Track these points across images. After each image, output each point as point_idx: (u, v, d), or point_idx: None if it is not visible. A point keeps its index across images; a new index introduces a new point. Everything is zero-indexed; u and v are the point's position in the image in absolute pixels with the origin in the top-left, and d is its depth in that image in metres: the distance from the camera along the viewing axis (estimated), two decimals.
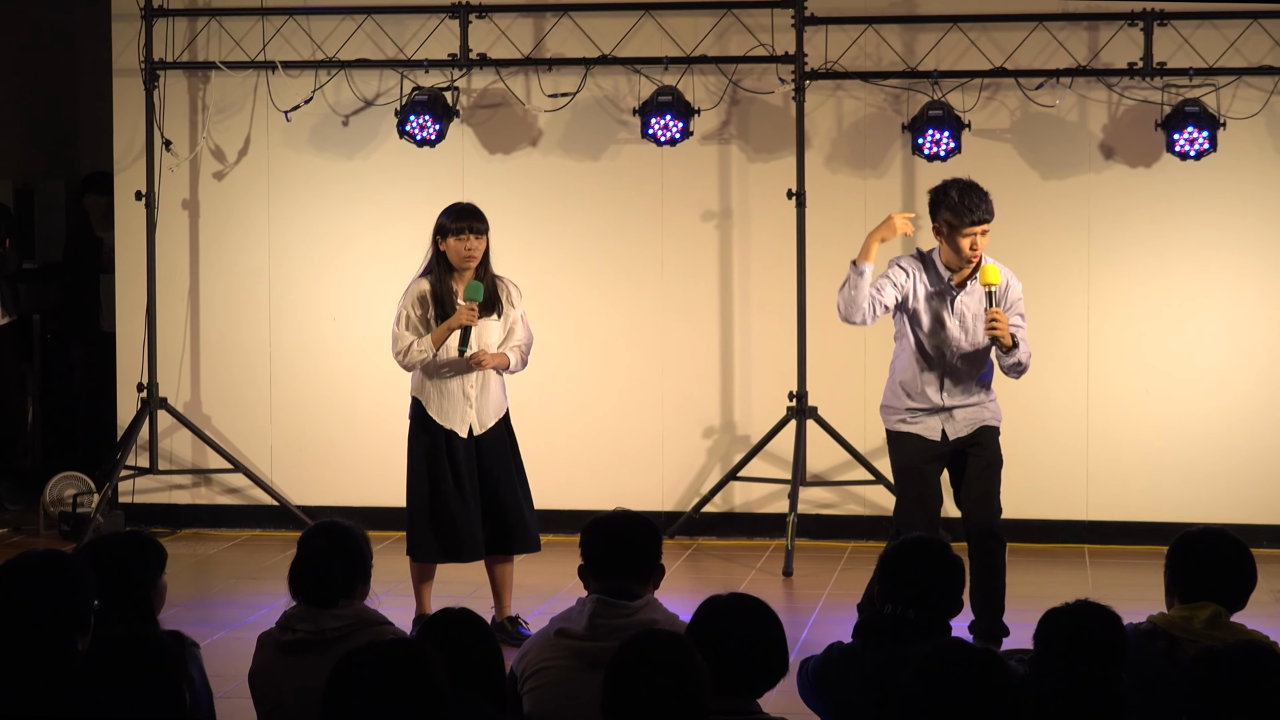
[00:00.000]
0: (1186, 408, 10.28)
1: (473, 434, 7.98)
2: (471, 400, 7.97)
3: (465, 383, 7.96)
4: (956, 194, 7.56)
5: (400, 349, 7.91)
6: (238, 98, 10.81)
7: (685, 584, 9.31)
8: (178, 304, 10.89)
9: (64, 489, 10.70)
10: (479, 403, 7.99)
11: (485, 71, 10.53)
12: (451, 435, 7.95)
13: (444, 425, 7.95)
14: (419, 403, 8.01)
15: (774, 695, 4.57)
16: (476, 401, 7.98)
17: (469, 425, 7.97)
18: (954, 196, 7.56)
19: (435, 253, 7.95)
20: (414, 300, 7.92)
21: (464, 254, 7.87)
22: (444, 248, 7.91)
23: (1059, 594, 5.22)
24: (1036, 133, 10.28)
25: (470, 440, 7.97)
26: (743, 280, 10.56)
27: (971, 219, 7.54)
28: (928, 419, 7.75)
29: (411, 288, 7.97)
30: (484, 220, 7.96)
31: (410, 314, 7.91)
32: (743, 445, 10.51)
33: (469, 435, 7.97)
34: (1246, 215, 10.20)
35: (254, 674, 5.27)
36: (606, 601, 4.97)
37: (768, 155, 10.49)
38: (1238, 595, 5.04)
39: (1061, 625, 4.61)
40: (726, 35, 10.39)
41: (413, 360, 7.90)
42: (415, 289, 7.95)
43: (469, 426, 7.97)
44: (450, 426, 7.95)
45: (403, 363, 7.94)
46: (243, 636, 7.74)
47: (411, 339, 7.88)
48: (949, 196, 7.58)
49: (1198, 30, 10.04)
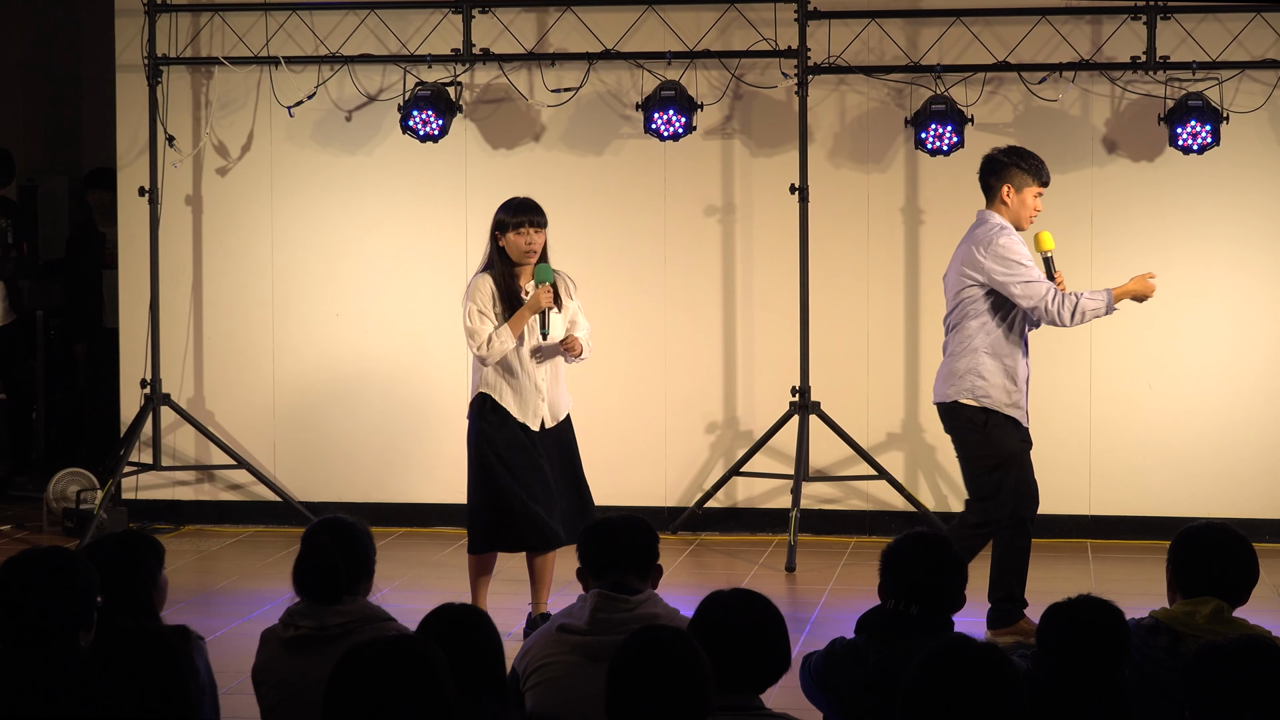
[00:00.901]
0: (1189, 402, 10.28)
1: (544, 427, 7.96)
2: (544, 392, 7.95)
3: (538, 375, 7.94)
4: (1026, 154, 7.93)
5: (481, 341, 7.82)
6: (241, 93, 10.81)
7: (688, 579, 9.32)
8: (181, 300, 10.89)
9: (67, 485, 10.71)
10: (551, 394, 7.97)
11: (488, 67, 10.53)
12: (525, 427, 7.92)
13: (518, 418, 7.91)
14: (487, 397, 7.93)
15: (777, 691, 4.58)
16: (549, 393, 7.97)
17: (541, 418, 7.95)
18: (1028, 156, 7.91)
19: (495, 248, 7.92)
20: (483, 295, 7.87)
21: (524, 248, 7.86)
22: (503, 243, 7.88)
23: (1061, 589, 5.22)
24: (1039, 127, 10.27)
25: (541, 433, 7.95)
26: (745, 275, 10.56)
27: (1044, 178, 7.96)
28: (1024, 402, 7.89)
29: (476, 283, 7.90)
30: (543, 214, 7.94)
31: (483, 308, 7.85)
32: (745, 440, 10.51)
33: (540, 428, 7.96)
34: (1249, 209, 10.20)
35: (257, 670, 5.27)
36: (608, 596, 4.97)
37: (770, 150, 10.49)
38: (1240, 590, 5.04)
39: (1064, 620, 4.61)
40: (729, 30, 10.39)
41: (496, 351, 7.83)
42: (481, 284, 7.89)
43: (541, 420, 7.96)
44: (524, 419, 7.91)
45: (485, 354, 7.83)
46: (246, 632, 7.74)
47: (491, 330, 7.83)
48: (1024, 157, 7.90)
49: (1201, 24, 10.04)
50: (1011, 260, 7.75)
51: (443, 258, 10.69)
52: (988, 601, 7.86)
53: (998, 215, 7.89)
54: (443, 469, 10.46)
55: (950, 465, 10.43)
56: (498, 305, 7.87)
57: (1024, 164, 7.89)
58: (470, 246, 10.68)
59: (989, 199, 7.96)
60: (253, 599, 8.91)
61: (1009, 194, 7.86)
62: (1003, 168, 7.91)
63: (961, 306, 7.90)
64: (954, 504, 10.44)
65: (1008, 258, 7.75)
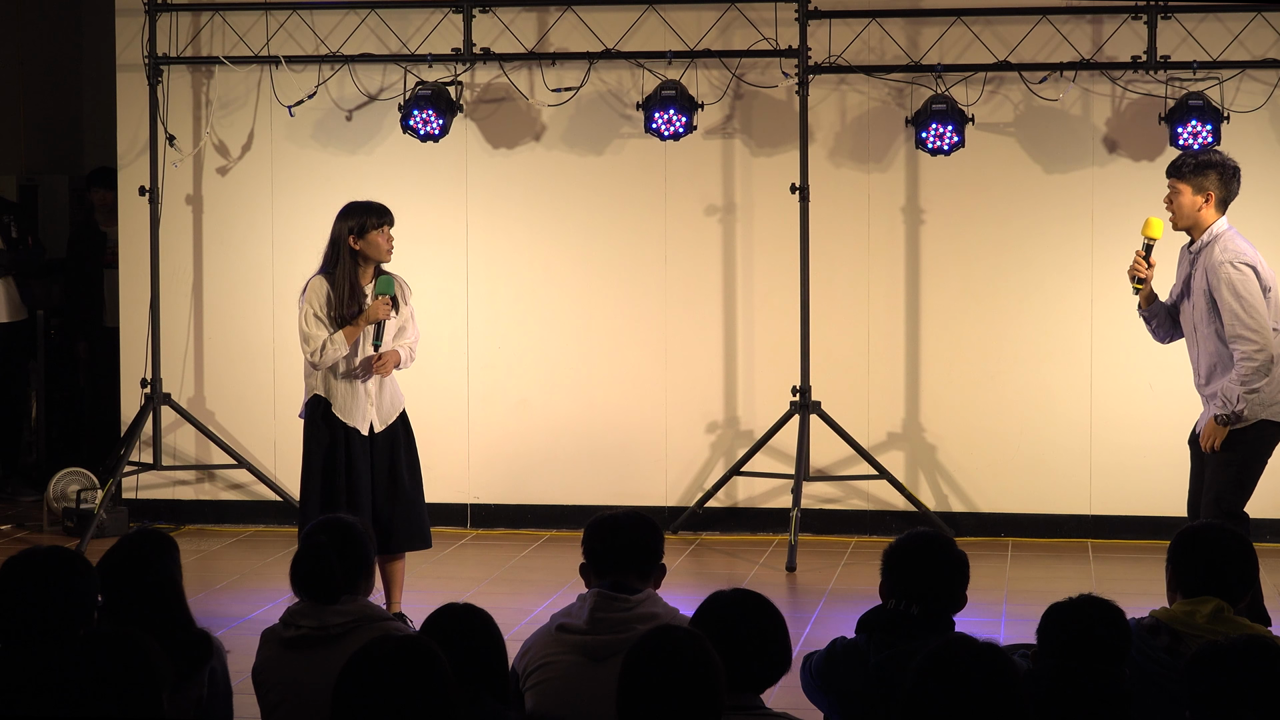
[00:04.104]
0: (1189, 401, 10.25)
1: (372, 431, 8.00)
2: (373, 398, 8.02)
3: (368, 382, 8.00)
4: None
5: (315, 347, 7.89)
6: (241, 93, 10.81)
7: (689, 579, 9.32)
8: (181, 299, 10.89)
9: (68, 485, 10.70)
10: (379, 400, 8.03)
11: (489, 66, 10.53)
12: (353, 433, 7.98)
13: (347, 422, 7.97)
14: (321, 399, 8.00)
15: (777, 690, 4.58)
16: (377, 399, 8.03)
17: (369, 423, 8.00)
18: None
19: (345, 250, 7.95)
20: (319, 298, 7.92)
21: (387, 247, 7.98)
22: (361, 244, 7.94)
23: (1062, 589, 5.23)
24: (1040, 126, 10.27)
25: (369, 438, 8.00)
26: (746, 275, 10.55)
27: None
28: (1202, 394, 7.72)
29: (313, 285, 7.95)
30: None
31: (318, 312, 7.91)
32: (746, 440, 10.51)
33: (369, 433, 8.00)
34: (1250, 208, 10.16)
35: (257, 670, 5.27)
36: (607, 596, 4.97)
37: (771, 149, 10.48)
38: (1239, 589, 5.04)
39: (1065, 620, 4.61)
40: (730, 29, 10.39)
41: (328, 358, 7.91)
42: (318, 287, 7.94)
43: (370, 424, 8.00)
44: (353, 424, 7.98)
45: (317, 361, 7.91)
46: (246, 632, 7.74)
47: (325, 336, 7.89)
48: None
49: (1201, 23, 10.04)
50: None
51: (443, 257, 10.69)
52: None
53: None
54: (440, 468, 10.46)
55: (950, 465, 10.43)
56: (333, 309, 7.91)
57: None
58: (470, 246, 10.69)
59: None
60: (253, 599, 8.91)
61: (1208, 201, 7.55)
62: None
63: None
64: (954, 503, 10.44)
65: None
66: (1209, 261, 7.37)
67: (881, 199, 10.41)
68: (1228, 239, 7.39)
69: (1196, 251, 7.47)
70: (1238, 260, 7.31)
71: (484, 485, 10.75)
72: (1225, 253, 7.34)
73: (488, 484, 10.74)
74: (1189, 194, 7.44)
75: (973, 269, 10.39)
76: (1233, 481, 7.41)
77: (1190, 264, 7.51)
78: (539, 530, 10.61)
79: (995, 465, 10.40)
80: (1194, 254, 7.49)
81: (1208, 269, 7.37)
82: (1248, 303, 7.27)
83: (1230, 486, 7.40)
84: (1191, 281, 7.48)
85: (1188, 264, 7.53)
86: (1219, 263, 7.33)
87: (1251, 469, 7.46)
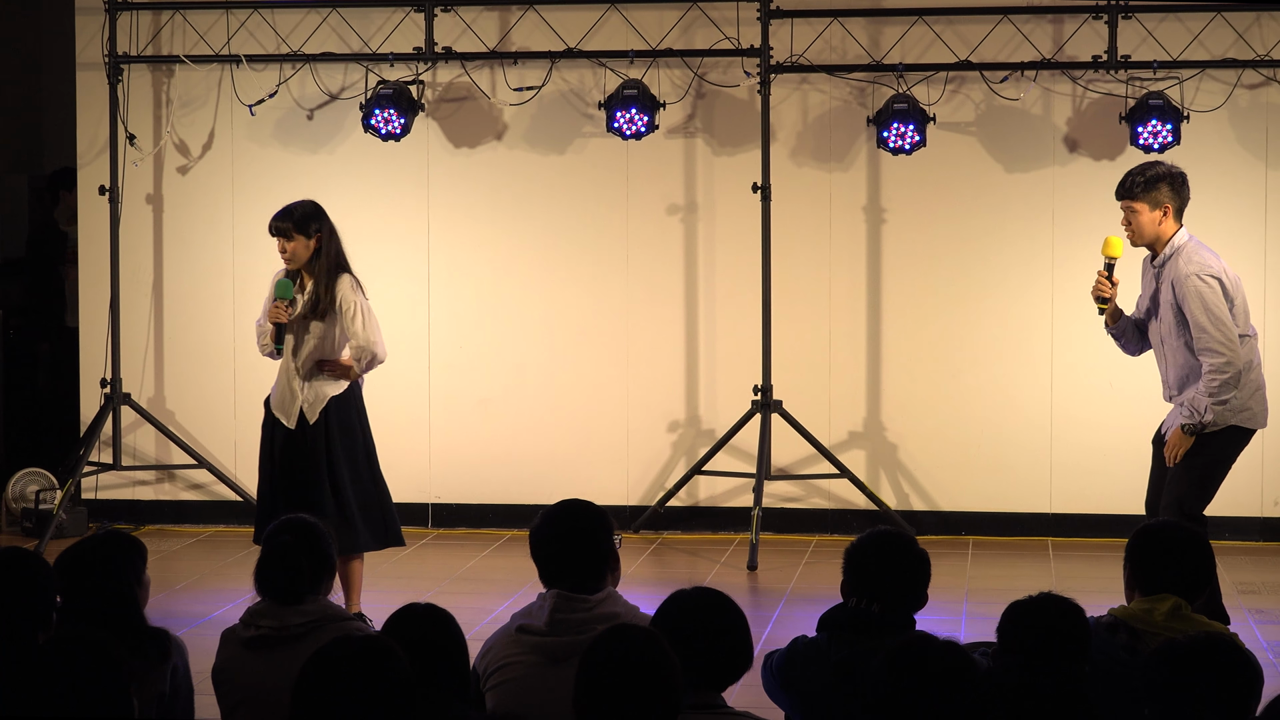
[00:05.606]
0: (1150, 400, 10.28)
1: (302, 426, 7.98)
2: (298, 394, 8.02)
3: (295, 378, 8.02)
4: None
5: (256, 337, 8.15)
6: (202, 91, 10.77)
7: (650, 578, 9.31)
8: (141, 299, 10.85)
9: (26, 485, 10.66)
10: (306, 396, 8.02)
11: (450, 65, 10.52)
12: (277, 425, 8.02)
13: (277, 415, 8.04)
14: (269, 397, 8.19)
15: (739, 689, 4.58)
16: (303, 395, 8.02)
17: (295, 417, 8.00)
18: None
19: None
20: (269, 292, 8.13)
21: (283, 255, 8.07)
22: None
23: (1022, 587, 5.24)
24: (1001, 126, 10.30)
25: (295, 433, 7.98)
26: (708, 274, 10.56)
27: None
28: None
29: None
30: (288, 220, 8.06)
31: (266, 304, 8.11)
32: (708, 439, 10.51)
33: (297, 427, 7.99)
34: (1210, 207, 10.22)
35: (217, 670, 5.25)
36: (566, 596, 4.94)
37: (733, 149, 10.49)
38: (1197, 587, 5.06)
39: (1025, 618, 4.62)
40: (692, 29, 10.39)
41: (259, 349, 8.13)
42: (272, 280, 8.15)
43: (296, 419, 8.00)
44: (280, 417, 8.03)
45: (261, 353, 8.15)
46: (206, 633, 7.71)
47: (261, 329, 8.12)
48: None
49: (1161, 23, 10.08)
50: None
51: (404, 256, 10.67)
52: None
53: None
54: (401, 467, 10.43)
55: (911, 463, 10.46)
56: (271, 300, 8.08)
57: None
58: (432, 245, 10.67)
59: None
60: (213, 599, 8.88)
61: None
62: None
63: None
64: (915, 502, 10.46)
65: None
66: (1175, 274, 7.38)
67: (843, 198, 10.43)
68: (1191, 250, 7.41)
69: (1160, 265, 7.48)
70: (1203, 273, 7.33)
71: (445, 485, 10.73)
72: (1190, 264, 7.36)
73: (449, 484, 10.72)
74: (1146, 211, 7.45)
75: (934, 268, 10.41)
76: (1196, 485, 7.44)
77: (1155, 278, 7.51)
78: (500, 530, 10.60)
79: (956, 464, 10.43)
80: (1158, 267, 7.50)
81: (1174, 282, 7.38)
82: (1215, 316, 7.29)
83: (1194, 490, 7.42)
84: (1158, 295, 7.49)
85: (1152, 277, 7.54)
86: (1185, 275, 7.34)
87: (1215, 474, 7.48)
